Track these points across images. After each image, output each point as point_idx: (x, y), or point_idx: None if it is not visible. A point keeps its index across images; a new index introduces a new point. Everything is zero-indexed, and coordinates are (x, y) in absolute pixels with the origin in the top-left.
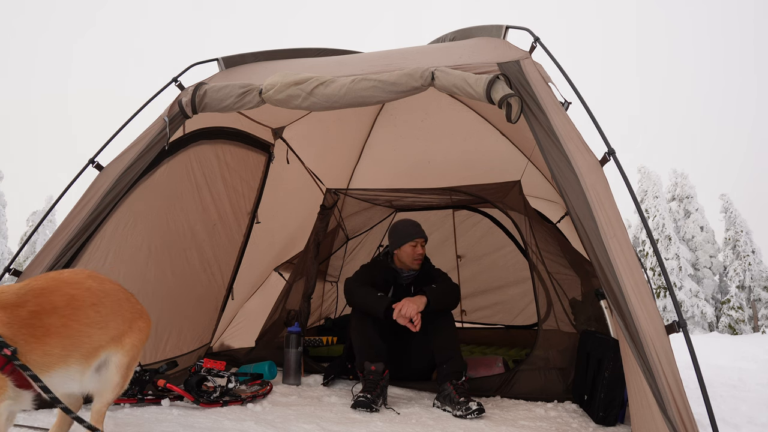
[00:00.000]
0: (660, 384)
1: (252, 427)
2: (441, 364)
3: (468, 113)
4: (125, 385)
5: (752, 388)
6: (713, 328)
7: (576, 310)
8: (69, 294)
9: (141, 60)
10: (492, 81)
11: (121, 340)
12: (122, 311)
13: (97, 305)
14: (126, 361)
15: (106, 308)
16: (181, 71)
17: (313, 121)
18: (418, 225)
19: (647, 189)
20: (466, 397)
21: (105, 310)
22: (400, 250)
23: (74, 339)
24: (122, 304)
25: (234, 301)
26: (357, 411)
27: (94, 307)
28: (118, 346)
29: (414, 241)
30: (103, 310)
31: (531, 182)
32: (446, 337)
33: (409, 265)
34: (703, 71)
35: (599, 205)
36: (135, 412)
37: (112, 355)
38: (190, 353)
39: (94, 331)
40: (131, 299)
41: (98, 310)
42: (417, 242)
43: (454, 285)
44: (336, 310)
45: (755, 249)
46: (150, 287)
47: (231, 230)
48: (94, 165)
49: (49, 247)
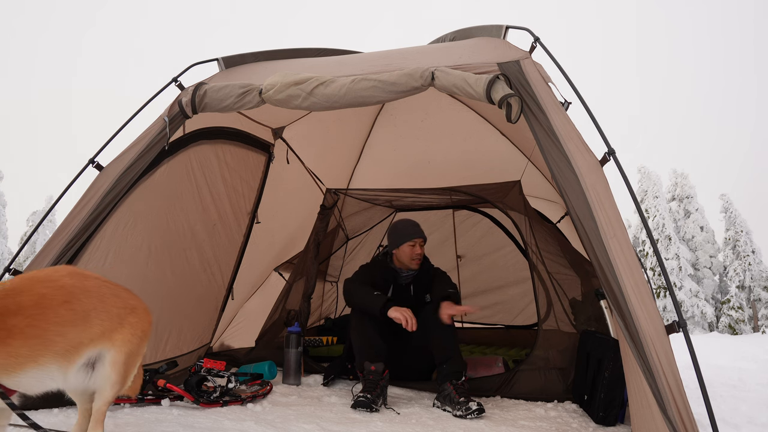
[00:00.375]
0: (660, 384)
1: (252, 427)
2: (441, 363)
3: (468, 113)
4: (126, 382)
5: (752, 388)
6: (713, 328)
7: (576, 310)
8: (39, 293)
9: (141, 60)
10: (492, 81)
11: (111, 336)
12: (107, 307)
13: (71, 302)
14: (120, 357)
15: (84, 305)
16: (181, 71)
17: (313, 121)
18: (416, 225)
19: (647, 189)
20: (466, 397)
21: (82, 306)
22: (399, 249)
23: (43, 338)
24: (107, 300)
25: (234, 301)
26: (357, 411)
27: (67, 305)
28: (108, 343)
29: (412, 241)
30: (80, 306)
31: (531, 182)
32: (446, 337)
33: (408, 264)
34: (703, 71)
35: (599, 205)
36: (135, 412)
37: (105, 352)
38: (190, 353)
39: (68, 329)
40: (122, 294)
41: (72, 308)
42: (416, 242)
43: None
44: (336, 310)
45: (755, 249)
46: (150, 287)
47: (231, 230)
48: (94, 165)
49: (49, 247)
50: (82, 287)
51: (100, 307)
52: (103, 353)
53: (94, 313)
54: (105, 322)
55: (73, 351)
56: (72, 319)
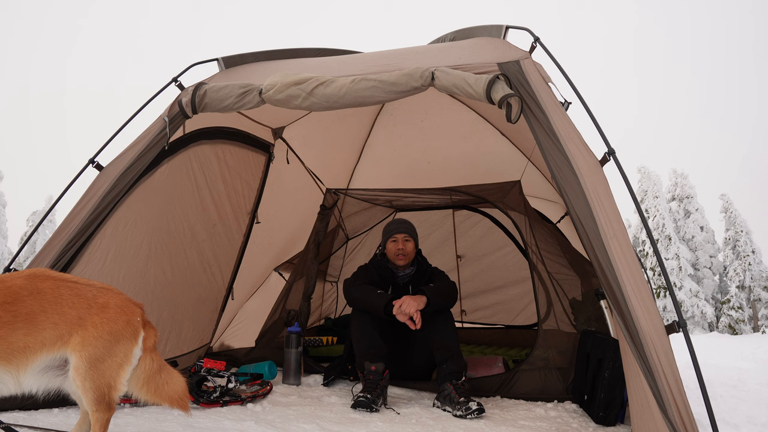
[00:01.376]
0: (660, 384)
1: (252, 427)
2: (441, 363)
3: (468, 113)
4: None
5: (752, 388)
6: (713, 328)
7: (576, 310)
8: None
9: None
10: (492, 81)
11: (68, 339)
12: (62, 309)
13: (12, 304)
14: (82, 362)
15: (29, 307)
16: (181, 71)
17: (313, 121)
18: (402, 222)
19: (647, 189)
20: (466, 397)
21: (26, 309)
22: (386, 248)
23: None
24: (64, 301)
25: (234, 301)
26: (357, 411)
27: (6, 306)
28: (66, 346)
29: (394, 237)
30: (23, 309)
31: (531, 182)
32: (446, 336)
33: (394, 261)
34: (703, 71)
35: (599, 205)
36: (135, 412)
37: (68, 356)
38: (190, 353)
39: (7, 332)
40: (87, 294)
41: (12, 309)
42: (397, 238)
43: (451, 283)
44: (336, 310)
45: (755, 249)
46: (150, 287)
47: (231, 230)
48: (94, 165)
49: (49, 247)
50: (32, 289)
51: (51, 309)
52: (68, 357)
53: (42, 315)
54: (59, 325)
55: (19, 355)
56: (11, 321)
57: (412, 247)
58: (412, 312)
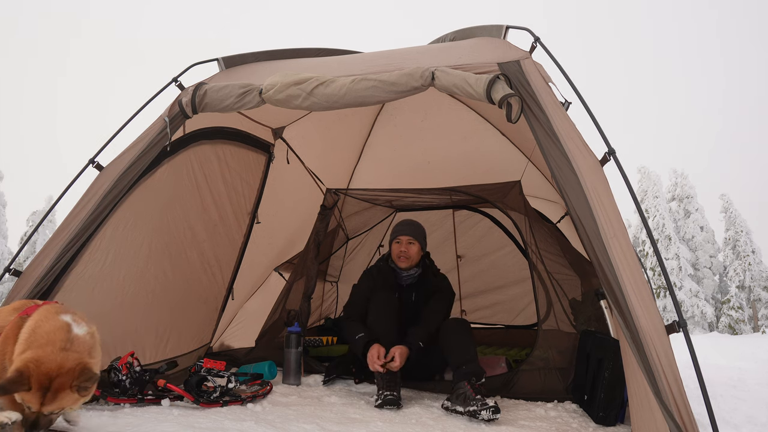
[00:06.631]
0: (660, 384)
1: (252, 427)
2: (459, 366)
3: (468, 113)
4: None
5: (752, 387)
6: (713, 328)
7: (576, 310)
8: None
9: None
10: (492, 81)
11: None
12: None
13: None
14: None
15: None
16: (181, 71)
17: (313, 121)
18: (408, 224)
19: (647, 189)
20: (482, 395)
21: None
22: (391, 248)
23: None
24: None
25: (234, 301)
26: (383, 409)
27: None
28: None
29: (397, 239)
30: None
31: (531, 182)
32: (465, 341)
33: (396, 262)
34: (703, 71)
35: (599, 205)
36: (135, 412)
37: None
38: (190, 353)
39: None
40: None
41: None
42: (400, 240)
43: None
44: (336, 310)
45: (755, 249)
46: (150, 287)
47: (231, 230)
48: (94, 165)
49: (49, 247)
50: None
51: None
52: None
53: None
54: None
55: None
56: None
57: (415, 249)
58: (375, 369)
